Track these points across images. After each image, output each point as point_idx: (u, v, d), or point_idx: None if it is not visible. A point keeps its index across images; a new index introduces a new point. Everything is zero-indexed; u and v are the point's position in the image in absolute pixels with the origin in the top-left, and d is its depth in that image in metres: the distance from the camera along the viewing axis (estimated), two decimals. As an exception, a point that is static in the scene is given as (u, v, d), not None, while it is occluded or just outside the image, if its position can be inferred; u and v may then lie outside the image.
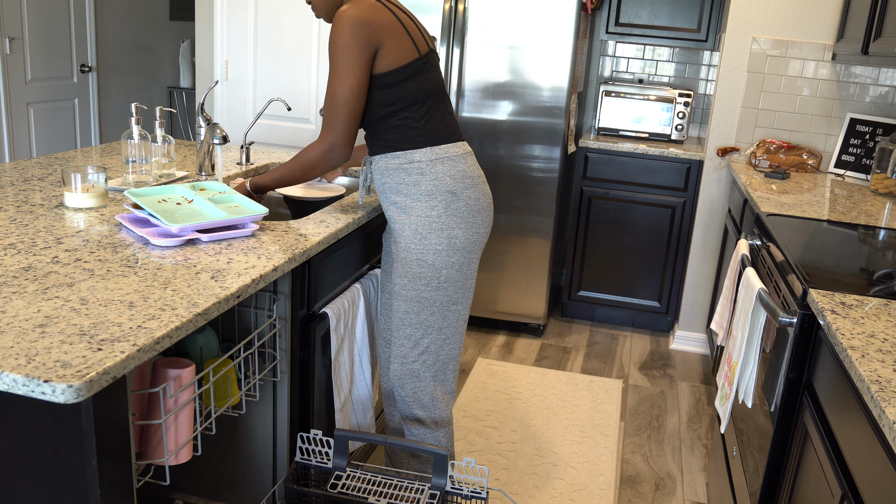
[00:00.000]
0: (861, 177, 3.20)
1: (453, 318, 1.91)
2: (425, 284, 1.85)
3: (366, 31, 1.70)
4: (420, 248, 1.83)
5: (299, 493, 1.65)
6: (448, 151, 1.83)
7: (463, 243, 1.85)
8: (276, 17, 3.82)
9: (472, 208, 1.85)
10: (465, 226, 1.84)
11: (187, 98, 6.00)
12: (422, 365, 1.92)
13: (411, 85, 1.77)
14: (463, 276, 1.88)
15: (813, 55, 3.30)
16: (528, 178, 3.50)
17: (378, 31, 1.72)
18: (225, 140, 2.19)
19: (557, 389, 3.16)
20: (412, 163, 1.81)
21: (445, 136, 1.84)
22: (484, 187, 1.90)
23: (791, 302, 1.67)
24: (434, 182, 1.81)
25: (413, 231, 1.83)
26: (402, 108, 1.79)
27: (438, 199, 1.81)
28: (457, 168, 1.83)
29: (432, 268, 1.84)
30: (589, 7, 3.49)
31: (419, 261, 1.84)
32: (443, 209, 1.81)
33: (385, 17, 1.74)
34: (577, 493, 2.45)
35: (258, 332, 1.69)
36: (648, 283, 3.77)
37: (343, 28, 1.69)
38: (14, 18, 4.34)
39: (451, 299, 1.89)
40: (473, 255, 1.89)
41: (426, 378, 1.93)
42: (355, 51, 1.70)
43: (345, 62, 1.70)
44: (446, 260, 1.84)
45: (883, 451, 1.09)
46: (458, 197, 1.83)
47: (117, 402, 1.12)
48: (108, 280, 1.36)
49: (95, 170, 1.83)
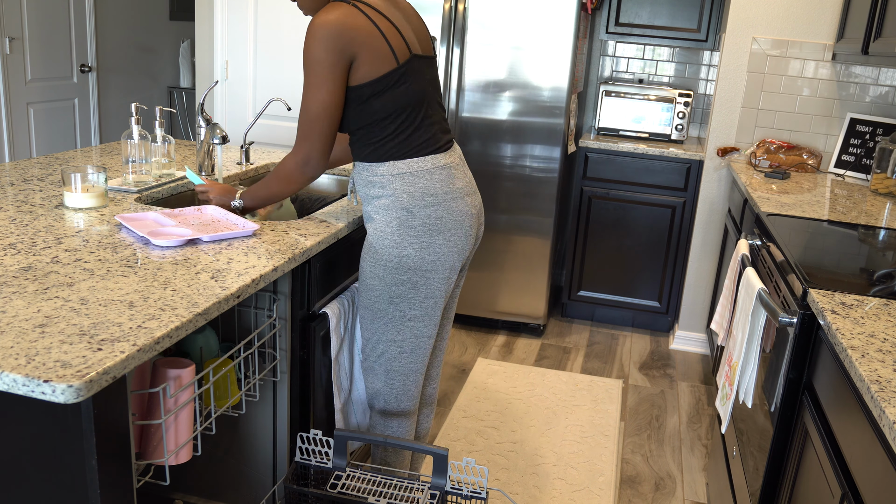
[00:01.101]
0: (861, 177, 3.20)
1: (410, 333, 1.86)
2: (377, 296, 1.82)
3: (338, 43, 1.62)
4: (373, 262, 1.80)
5: (299, 493, 1.65)
6: (412, 166, 1.75)
7: (416, 263, 1.78)
8: (276, 17, 3.82)
9: (431, 228, 1.77)
10: (419, 245, 1.77)
11: (187, 98, 6.00)
12: (378, 366, 1.91)
13: (383, 99, 1.70)
14: (420, 295, 1.82)
15: (813, 55, 3.30)
16: (528, 178, 3.50)
17: (353, 40, 1.63)
18: (225, 140, 2.19)
19: (557, 389, 3.16)
20: (375, 176, 1.76)
21: (414, 150, 1.76)
22: (453, 204, 1.78)
23: (791, 302, 1.67)
24: (391, 198, 1.75)
25: (369, 243, 1.80)
26: (372, 122, 1.72)
27: (393, 215, 1.76)
28: (417, 185, 1.75)
29: (383, 282, 1.80)
30: (589, 7, 3.49)
31: (371, 273, 1.81)
32: (396, 226, 1.76)
33: (362, 24, 1.64)
34: (577, 493, 2.45)
35: (258, 332, 1.69)
36: (648, 282, 3.77)
37: (314, 39, 1.62)
38: (14, 18, 4.34)
39: (405, 315, 1.83)
40: (434, 274, 1.80)
41: (380, 377, 1.92)
42: (327, 64, 1.63)
43: (317, 76, 1.64)
44: (396, 277, 1.79)
45: (883, 451, 1.09)
46: (413, 216, 1.75)
47: (117, 402, 1.12)
48: (108, 280, 1.36)
49: (95, 170, 1.83)
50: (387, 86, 1.69)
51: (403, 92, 1.72)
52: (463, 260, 1.87)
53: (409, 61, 1.72)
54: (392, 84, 1.69)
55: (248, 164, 2.52)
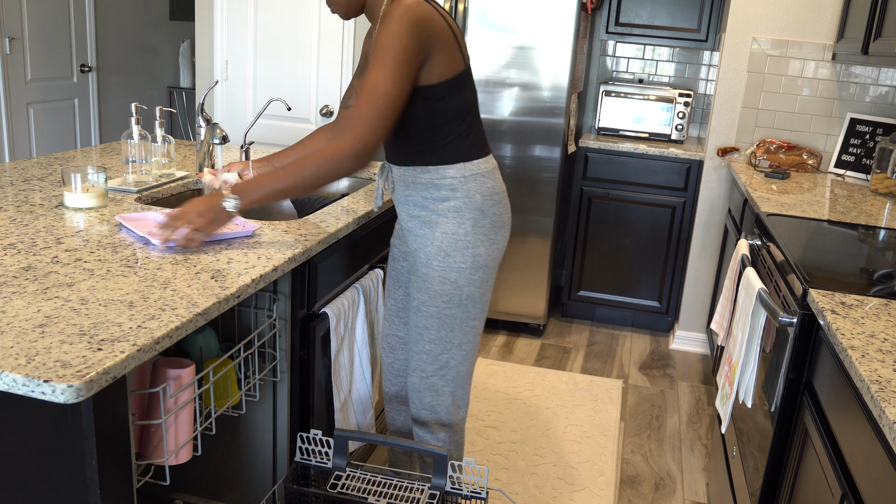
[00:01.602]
0: (861, 177, 3.20)
1: (472, 333, 1.86)
2: (447, 302, 1.79)
3: (423, 34, 1.57)
4: (444, 266, 1.76)
5: (299, 493, 1.65)
6: (480, 167, 1.76)
7: (486, 261, 1.79)
8: (276, 17, 3.82)
9: (496, 225, 1.80)
10: (489, 243, 1.79)
11: (187, 98, 6.00)
12: (440, 379, 1.87)
13: (454, 100, 1.69)
14: (482, 293, 1.83)
15: (813, 55, 3.30)
16: (528, 178, 3.50)
17: (434, 36, 1.59)
18: (225, 140, 2.19)
19: (557, 389, 3.16)
20: (444, 178, 1.73)
21: (478, 151, 1.77)
22: (507, 202, 1.85)
23: (791, 302, 1.67)
24: (465, 199, 1.74)
25: (436, 248, 1.76)
26: (443, 123, 1.69)
27: (467, 216, 1.74)
28: (487, 185, 1.77)
29: (455, 286, 1.77)
30: (589, 7, 3.49)
31: (441, 278, 1.77)
32: (470, 227, 1.75)
33: (439, 23, 1.62)
34: (577, 493, 2.45)
35: (258, 332, 1.69)
36: (648, 283, 3.77)
37: (402, 23, 1.54)
38: (14, 18, 4.34)
39: (470, 315, 1.83)
40: (494, 271, 1.84)
41: (445, 392, 1.88)
42: (411, 51, 1.56)
43: (399, 61, 1.55)
44: (469, 278, 1.78)
45: (883, 451, 1.09)
46: (484, 214, 1.77)
47: (117, 402, 1.12)
48: (108, 280, 1.36)
49: (95, 170, 1.83)
50: (458, 86, 1.69)
51: (469, 94, 1.74)
52: None
53: (469, 64, 1.75)
54: (462, 85, 1.70)
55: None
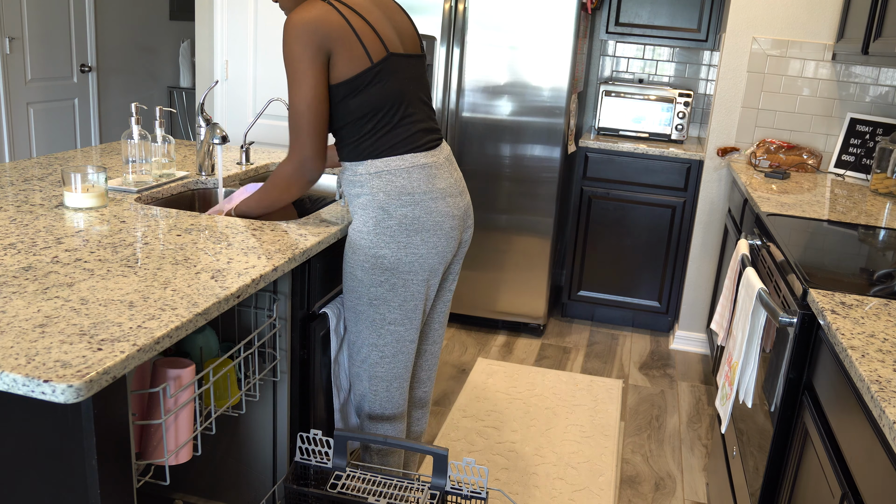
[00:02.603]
0: (861, 177, 3.20)
1: (391, 337, 1.84)
2: (357, 298, 1.81)
3: (314, 38, 1.61)
4: (352, 261, 1.79)
5: (299, 493, 1.65)
6: (389, 165, 1.73)
7: (392, 263, 1.75)
8: (276, 17, 3.82)
9: (407, 228, 1.74)
10: (395, 246, 1.74)
11: (187, 98, 6.00)
12: (363, 371, 1.89)
13: (360, 98, 1.69)
14: (399, 298, 1.79)
15: (813, 55, 3.30)
16: (528, 178, 3.50)
17: (327, 37, 1.62)
18: (225, 140, 2.19)
19: (557, 389, 3.16)
20: (355, 175, 1.75)
21: (392, 149, 1.74)
22: (432, 205, 1.76)
23: (791, 302, 1.67)
24: (369, 196, 1.74)
25: (349, 242, 1.79)
26: (350, 122, 1.72)
27: (370, 214, 1.74)
28: (394, 183, 1.73)
29: (361, 283, 1.79)
30: (589, 7, 3.49)
31: (350, 273, 1.80)
32: (372, 226, 1.74)
33: (335, 22, 1.63)
34: (577, 493, 2.45)
35: (258, 332, 1.69)
36: (648, 282, 3.77)
37: (290, 37, 1.61)
38: (14, 18, 4.34)
39: (385, 318, 1.81)
40: (413, 276, 1.78)
41: (364, 381, 1.90)
42: (306, 59, 1.62)
43: (297, 73, 1.63)
44: (373, 278, 1.77)
45: (883, 451, 1.09)
46: (389, 215, 1.73)
47: (117, 402, 1.12)
48: (108, 280, 1.36)
49: (95, 170, 1.83)
50: (361, 85, 1.68)
51: (379, 91, 1.70)
52: (445, 262, 1.84)
53: (386, 60, 1.70)
54: (367, 83, 1.69)
55: (248, 164, 2.52)
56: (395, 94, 1.73)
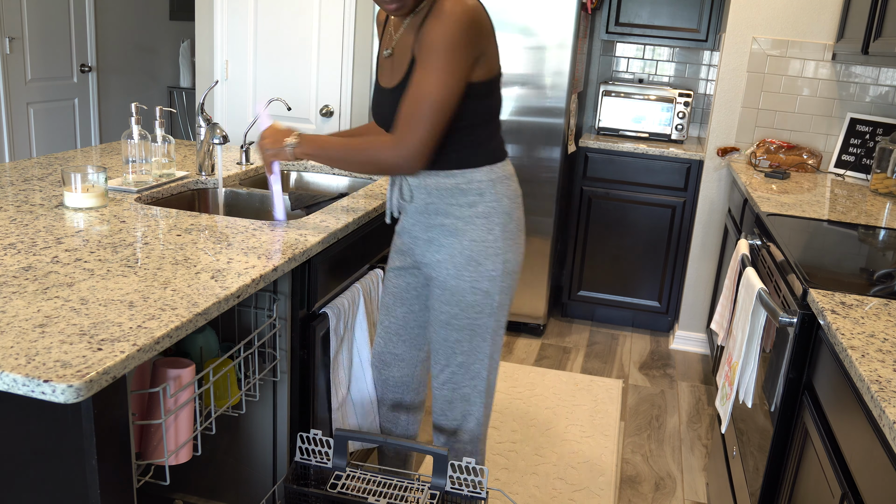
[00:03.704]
0: (861, 177, 3.20)
1: (500, 342, 1.81)
2: (478, 312, 1.72)
3: (477, 33, 1.54)
4: (475, 276, 1.69)
5: (299, 493, 1.65)
6: (505, 170, 1.71)
7: (514, 266, 1.74)
8: (276, 17, 3.82)
9: (521, 228, 1.76)
10: (517, 248, 1.74)
11: (187, 98, 6.00)
12: (472, 389, 1.81)
13: (493, 99, 1.65)
14: (510, 299, 1.77)
15: (813, 55, 3.30)
16: (529, 178, 3.50)
17: (484, 35, 1.56)
18: (225, 140, 2.19)
19: (557, 389, 3.16)
20: (471, 182, 1.66)
21: (501, 154, 1.72)
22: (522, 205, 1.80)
23: (791, 302, 1.67)
24: (494, 203, 1.68)
25: (466, 257, 1.68)
26: (477, 123, 1.64)
27: (496, 221, 1.68)
28: (512, 188, 1.72)
29: (487, 295, 1.70)
30: (589, 7, 3.49)
31: (473, 289, 1.70)
32: (500, 232, 1.69)
33: (488, 21, 1.58)
34: (577, 493, 2.45)
35: (258, 332, 1.69)
36: (648, 283, 3.77)
37: (456, 22, 1.50)
38: (14, 18, 4.34)
39: (500, 324, 1.78)
40: (519, 275, 1.80)
41: (477, 403, 1.83)
42: (464, 51, 1.52)
43: (450, 61, 1.51)
44: (500, 286, 1.71)
45: (883, 451, 1.09)
46: (511, 218, 1.71)
47: (117, 402, 1.12)
48: (108, 280, 1.36)
49: (95, 170, 1.83)
50: (494, 88, 1.66)
51: (499, 97, 1.70)
52: None
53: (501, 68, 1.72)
54: (497, 87, 1.68)
55: (248, 164, 2.52)
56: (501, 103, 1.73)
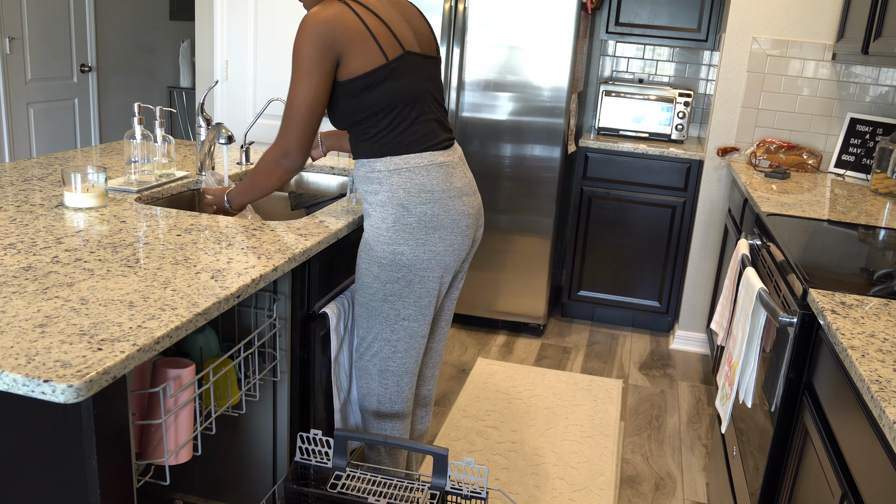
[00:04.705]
0: (861, 176, 3.20)
1: (404, 333, 1.86)
2: (372, 294, 1.83)
3: (326, 40, 1.65)
4: (368, 258, 1.81)
5: (299, 493, 1.65)
6: (409, 162, 1.76)
7: (410, 260, 1.78)
8: (276, 17, 3.82)
9: (427, 225, 1.77)
10: (414, 243, 1.77)
11: (187, 98, 6.00)
12: (372, 365, 1.92)
13: (376, 93, 1.72)
14: (415, 294, 1.82)
15: (813, 55, 3.30)
16: (528, 178, 3.50)
17: (340, 38, 1.66)
18: (230, 140, 2.19)
19: (557, 389, 3.16)
20: (373, 171, 1.77)
21: (410, 146, 1.77)
22: (449, 203, 1.79)
23: (791, 302, 1.67)
24: (388, 193, 1.77)
25: (365, 240, 1.82)
26: (366, 116, 1.75)
27: (389, 210, 1.77)
28: (413, 181, 1.76)
29: (377, 279, 1.81)
30: (589, 7, 3.49)
31: (366, 270, 1.82)
32: (392, 222, 1.77)
33: (350, 23, 1.68)
34: (577, 493, 2.45)
35: (258, 332, 1.69)
36: (648, 282, 3.77)
37: (303, 36, 1.66)
38: (14, 18, 4.34)
39: (400, 314, 1.84)
40: (429, 273, 1.81)
41: (374, 377, 1.92)
42: (314, 60, 1.66)
43: (302, 71, 1.68)
44: (390, 275, 1.80)
45: (883, 451, 1.09)
46: (409, 212, 1.76)
47: (117, 402, 1.12)
48: (108, 280, 1.36)
49: (95, 170, 1.83)
50: (377, 80, 1.71)
51: (395, 87, 1.73)
52: (459, 260, 1.87)
53: (401, 58, 1.74)
54: (383, 78, 1.72)
55: (248, 164, 2.52)
56: (411, 91, 1.77)
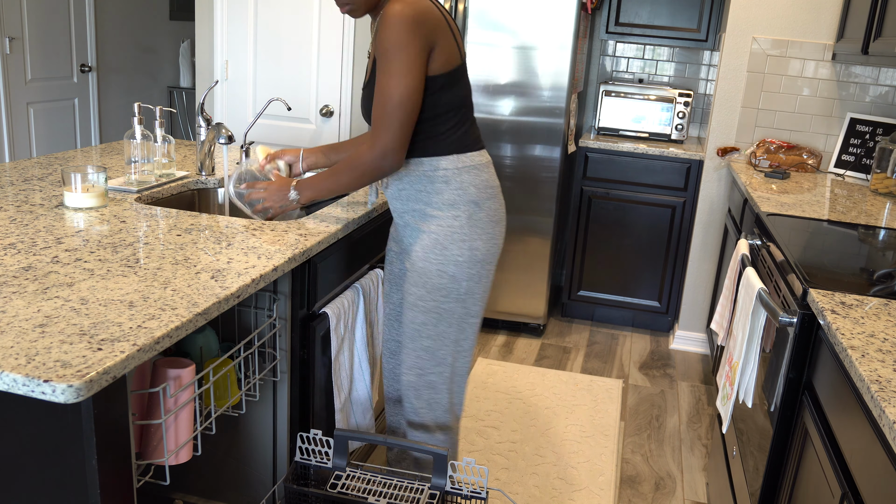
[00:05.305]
0: (861, 176, 3.20)
1: (470, 330, 1.87)
2: (445, 296, 1.80)
3: (424, 29, 1.62)
4: (441, 259, 1.77)
5: (299, 493, 1.65)
6: (473, 160, 1.78)
7: (484, 255, 1.80)
8: (276, 17, 3.82)
9: (492, 219, 1.81)
10: (486, 237, 1.80)
11: (187, 98, 6.00)
12: (438, 377, 1.87)
13: (453, 92, 1.73)
14: (482, 289, 1.84)
15: (813, 55, 3.30)
16: (528, 178, 3.50)
17: (434, 29, 1.65)
18: (231, 140, 2.19)
19: (557, 389, 3.16)
20: (437, 170, 1.75)
21: (471, 144, 1.79)
22: (501, 198, 1.86)
23: (791, 302, 1.67)
24: (459, 191, 1.76)
25: (433, 241, 1.77)
26: (439, 114, 1.73)
27: (462, 209, 1.76)
28: (480, 178, 1.79)
29: (453, 279, 1.78)
30: (589, 7, 3.49)
31: (440, 272, 1.78)
32: (465, 219, 1.76)
33: (437, 16, 1.67)
34: (577, 493, 2.45)
35: (258, 332, 1.69)
36: (648, 282, 3.77)
37: (401, 25, 1.60)
38: (14, 18, 4.34)
39: (469, 312, 1.84)
40: (492, 266, 1.85)
41: (442, 389, 1.89)
42: (414, 49, 1.61)
43: (403, 62, 1.61)
44: (467, 272, 1.79)
45: (883, 451, 1.09)
46: (480, 207, 1.78)
47: (117, 401, 1.12)
48: (108, 280, 1.36)
49: (95, 170, 1.83)
50: (454, 79, 1.73)
51: (464, 87, 1.77)
52: None
53: (465, 60, 1.79)
54: (459, 78, 1.75)
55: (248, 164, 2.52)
56: (469, 93, 1.81)
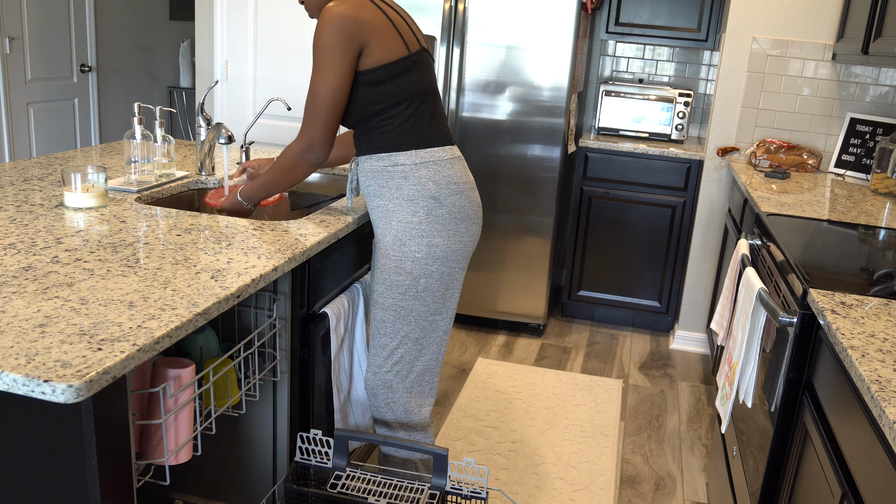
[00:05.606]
0: (861, 176, 3.20)
1: (431, 328, 1.85)
2: (402, 293, 1.80)
3: (350, 29, 1.66)
4: (399, 255, 1.78)
5: (299, 493, 1.65)
6: (434, 155, 1.77)
7: (444, 252, 1.79)
8: (276, 17, 3.82)
9: (456, 216, 1.79)
10: (447, 234, 1.78)
11: (187, 98, 6.00)
12: (395, 376, 1.87)
13: (399, 83, 1.73)
14: (443, 286, 1.82)
15: (813, 55, 3.30)
16: (528, 178, 3.50)
17: (363, 28, 1.67)
18: (231, 140, 2.19)
19: (557, 389, 3.16)
20: (396, 165, 1.76)
21: (432, 140, 1.78)
22: (471, 194, 1.83)
23: (791, 302, 1.67)
24: (417, 187, 1.75)
25: (393, 237, 1.78)
26: (388, 107, 1.74)
27: (420, 204, 1.75)
28: (441, 173, 1.77)
29: (410, 276, 1.78)
30: (589, 7, 3.49)
31: (397, 268, 1.78)
32: (424, 215, 1.76)
33: (372, 15, 1.69)
34: (577, 493, 2.45)
35: (258, 332, 1.69)
36: (648, 282, 3.77)
37: (326, 25, 1.65)
38: (14, 18, 4.34)
39: (429, 309, 1.83)
40: (456, 264, 1.82)
41: (399, 389, 1.88)
42: (338, 48, 1.66)
43: (327, 60, 1.67)
44: (425, 269, 1.78)
45: (883, 451, 1.09)
46: (440, 203, 1.77)
47: (117, 402, 1.12)
48: (108, 280, 1.36)
49: (95, 170, 1.83)
50: (401, 70, 1.73)
51: (417, 79, 1.76)
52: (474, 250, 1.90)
53: (419, 52, 1.78)
54: (406, 69, 1.74)
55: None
56: (429, 84, 1.80)
